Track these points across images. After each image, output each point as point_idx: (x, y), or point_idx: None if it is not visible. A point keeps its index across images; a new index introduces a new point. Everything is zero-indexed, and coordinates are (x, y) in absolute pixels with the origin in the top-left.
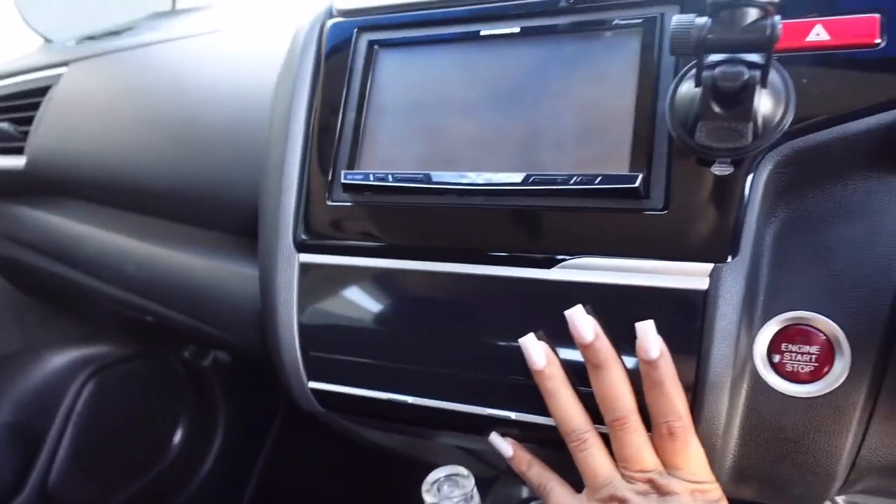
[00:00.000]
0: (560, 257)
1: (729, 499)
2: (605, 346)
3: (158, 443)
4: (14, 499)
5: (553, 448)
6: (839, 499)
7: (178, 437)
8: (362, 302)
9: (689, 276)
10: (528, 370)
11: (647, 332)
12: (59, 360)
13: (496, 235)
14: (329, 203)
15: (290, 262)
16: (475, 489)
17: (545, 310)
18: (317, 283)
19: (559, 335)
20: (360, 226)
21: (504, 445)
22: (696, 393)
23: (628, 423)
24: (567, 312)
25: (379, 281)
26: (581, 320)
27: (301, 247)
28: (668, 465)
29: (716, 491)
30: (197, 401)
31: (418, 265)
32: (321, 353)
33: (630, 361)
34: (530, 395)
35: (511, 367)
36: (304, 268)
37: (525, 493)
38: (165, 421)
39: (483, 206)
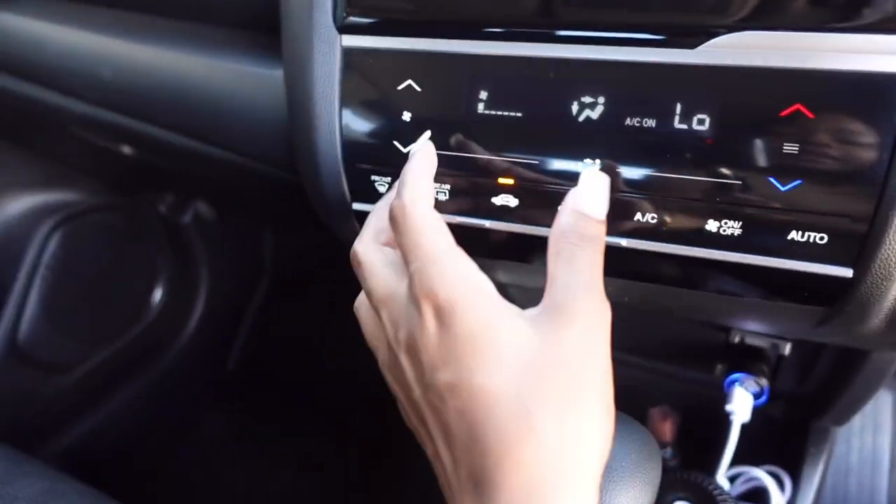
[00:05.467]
0: (709, 31)
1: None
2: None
3: (136, 302)
4: None
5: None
6: None
7: (157, 296)
8: (426, 97)
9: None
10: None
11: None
12: (17, 206)
13: (610, 4)
14: None
15: (331, 48)
16: None
17: (678, 107)
18: (367, 74)
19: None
20: None
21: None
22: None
23: None
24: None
25: (450, 70)
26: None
27: (345, 27)
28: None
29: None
30: (177, 259)
31: (505, 48)
32: (369, 165)
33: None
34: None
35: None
36: (349, 54)
37: None
38: (142, 279)
39: None
